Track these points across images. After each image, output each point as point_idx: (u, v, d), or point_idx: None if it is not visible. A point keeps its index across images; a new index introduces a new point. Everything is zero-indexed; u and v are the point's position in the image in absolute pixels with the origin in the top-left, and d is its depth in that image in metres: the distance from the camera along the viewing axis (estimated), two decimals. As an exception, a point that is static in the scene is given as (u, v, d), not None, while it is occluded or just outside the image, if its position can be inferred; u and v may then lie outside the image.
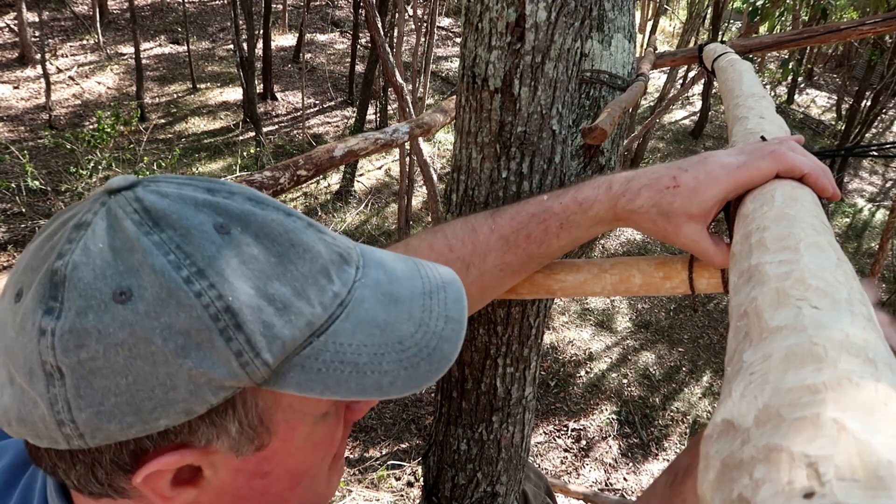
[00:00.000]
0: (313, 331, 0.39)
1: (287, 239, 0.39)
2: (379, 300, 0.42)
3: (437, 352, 0.42)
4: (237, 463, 0.41)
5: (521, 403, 1.02)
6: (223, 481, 0.41)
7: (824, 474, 0.19)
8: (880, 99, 10.77)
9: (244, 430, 0.39)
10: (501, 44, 0.79)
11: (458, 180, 0.89)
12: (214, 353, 0.36)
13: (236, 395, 0.38)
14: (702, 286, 0.65)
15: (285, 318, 0.37)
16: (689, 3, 11.42)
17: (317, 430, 0.44)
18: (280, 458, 0.43)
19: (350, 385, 0.39)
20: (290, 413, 0.41)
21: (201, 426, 0.38)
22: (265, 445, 0.41)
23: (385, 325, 0.41)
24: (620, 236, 9.95)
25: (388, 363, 0.40)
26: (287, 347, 0.38)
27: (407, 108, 3.35)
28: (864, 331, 0.28)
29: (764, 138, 0.64)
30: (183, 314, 0.35)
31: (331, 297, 0.40)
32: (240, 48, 10.58)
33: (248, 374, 0.37)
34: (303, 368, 0.38)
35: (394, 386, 0.40)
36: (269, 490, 0.44)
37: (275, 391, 0.39)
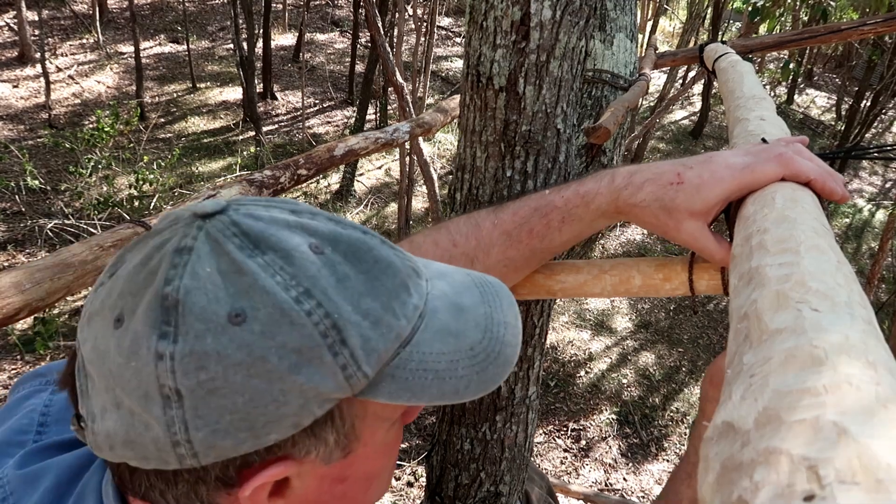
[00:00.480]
0: (401, 342, 0.41)
1: (371, 256, 0.42)
2: (449, 310, 0.45)
3: (502, 356, 0.45)
4: (324, 471, 0.43)
5: (524, 403, 1.03)
6: (307, 489, 0.43)
7: (824, 477, 0.20)
8: (880, 99, 10.76)
9: (339, 439, 0.42)
10: (506, 42, 0.79)
11: (462, 179, 0.89)
12: (323, 368, 0.38)
13: (334, 409, 0.40)
14: (701, 288, 0.65)
15: (379, 332, 0.40)
16: (689, 3, 11.41)
17: (390, 434, 0.47)
18: (360, 464, 0.45)
19: (433, 391, 0.41)
20: (374, 420, 0.44)
21: (304, 438, 0.40)
22: (352, 452, 0.43)
23: (457, 332, 0.44)
24: (620, 237, 9.95)
25: (462, 368, 0.43)
26: (382, 359, 0.40)
27: (407, 108, 3.35)
28: (864, 333, 0.29)
29: (765, 140, 0.64)
30: (296, 333, 0.37)
31: (412, 310, 0.42)
32: (240, 47, 10.57)
33: (351, 386, 0.39)
34: (393, 378, 0.41)
35: (468, 389, 0.43)
36: (347, 494, 0.46)
37: (365, 400, 0.41)
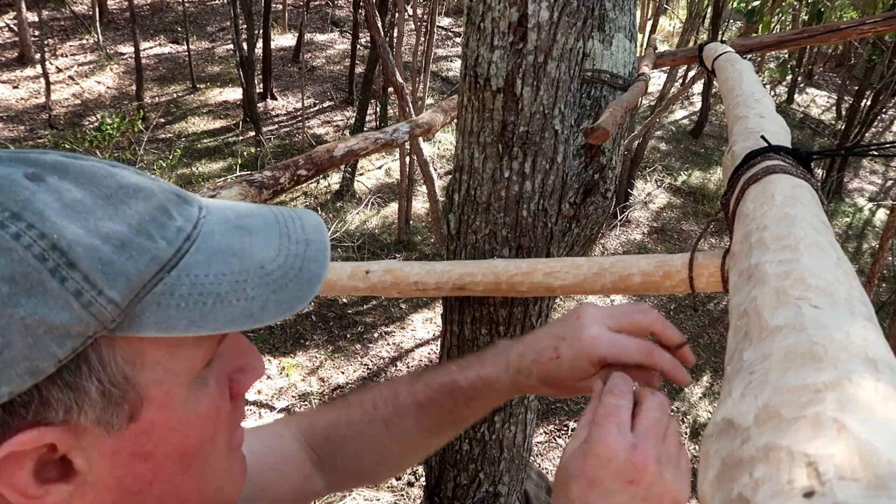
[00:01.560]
0: (161, 265, 0.36)
1: (114, 182, 0.37)
2: (230, 231, 0.41)
3: (305, 272, 0.41)
4: (112, 443, 0.37)
5: (522, 403, 1.02)
6: (100, 472, 0.37)
7: (824, 473, 0.20)
8: (880, 98, 10.77)
9: (106, 389, 0.35)
10: (504, 43, 0.79)
11: (460, 180, 0.89)
12: (49, 296, 0.32)
13: (88, 348, 0.34)
14: (702, 285, 0.65)
15: (126, 255, 0.35)
16: (689, 2, 11.41)
17: (196, 397, 0.40)
18: (161, 433, 0.39)
19: (217, 316, 0.37)
20: (160, 372, 0.38)
21: (53, 391, 0.34)
22: (139, 414, 0.37)
23: (242, 252, 0.40)
24: (620, 236, 9.95)
25: (252, 289, 0.39)
26: (134, 283, 0.35)
27: (407, 108, 3.35)
28: (864, 330, 0.29)
29: (764, 138, 0.64)
30: (2, 259, 0.32)
31: (174, 232, 0.38)
32: (239, 48, 10.57)
33: (95, 315, 0.34)
34: (159, 306, 0.36)
35: (265, 311, 0.39)
36: (158, 476, 0.40)
37: (133, 338, 0.36)
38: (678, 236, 10.27)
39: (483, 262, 0.79)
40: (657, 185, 11.55)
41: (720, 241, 9.02)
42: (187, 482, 0.42)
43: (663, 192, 11.45)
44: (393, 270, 0.82)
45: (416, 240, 9.10)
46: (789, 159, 0.60)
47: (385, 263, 0.83)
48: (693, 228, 10.46)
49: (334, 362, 6.91)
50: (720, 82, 1.19)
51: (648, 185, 11.47)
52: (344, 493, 5.11)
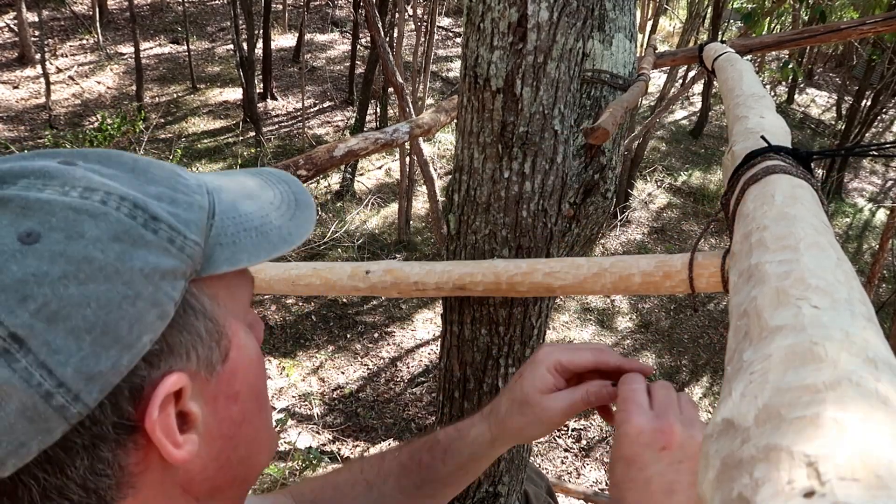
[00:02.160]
0: (207, 213, 0.40)
1: (128, 158, 0.40)
2: (229, 183, 0.45)
3: (301, 201, 0.46)
4: (212, 388, 0.40)
5: (521, 403, 1.03)
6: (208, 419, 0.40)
7: (824, 474, 0.20)
8: (880, 98, 10.77)
9: (210, 328, 0.39)
10: (503, 44, 0.79)
11: (459, 180, 0.89)
12: (151, 246, 0.35)
13: (187, 295, 0.38)
14: (702, 285, 0.65)
15: (181, 207, 0.38)
16: (689, 2, 11.41)
17: (250, 338, 0.44)
18: (242, 372, 0.42)
19: (264, 245, 0.41)
20: (230, 313, 0.42)
21: (175, 336, 0.37)
22: (228, 354, 0.41)
23: (251, 194, 0.44)
24: (621, 236, 9.95)
25: (275, 219, 0.43)
26: (201, 228, 0.39)
27: (407, 108, 3.36)
28: (864, 330, 0.29)
29: (764, 138, 0.64)
30: (102, 223, 0.34)
31: (196, 186, 0.41)
32: (240, 48, 10.58)
33: (189, 256, 0.37)
34: (222, 246, 0.40)
35: (293, 235, 0.43)
36: (245, 417, 0.43)
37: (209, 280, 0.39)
38: (678, 236, 10.28)
39: (483, 263, 0.79)
40: (657, 186, 11.56)
41: (720, 242, 9.02)
42: (262, 424, 0.45)
43: (663, 193, 11.45)
44: (393, 270, 0.82)
45: (417, 240, 9.11)
46: (789, 159, 0.60)
47: (385, 263, 0.83)
48: (693, 228, 10.47)
49: (335, 362, 6.92)
50: (720, 82, 1.19)
51: (648, 186, 11.47)
52: None
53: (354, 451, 5.84)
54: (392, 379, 6.82)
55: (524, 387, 0.65)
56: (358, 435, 6.05)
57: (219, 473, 0.42)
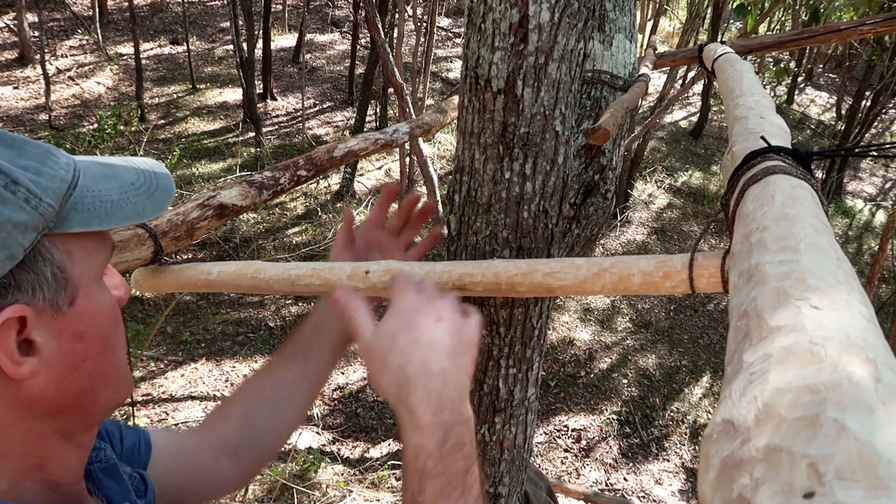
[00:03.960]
0: (68, 184, 0.50)
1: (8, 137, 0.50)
2: (98, 166, 0.55)
3: (161, 186, 0.57)
4: (59, 324, 0.49)
5: (523, 405, 1.02)
6: (52, 350, 0.49)
7: (824, 474, 0.20)
8: (880, 99, 10.77)
9: (56, 273, 0.48)
10: (504, 45, 0.79)
11: (460, 181, 0.89)
12: (8, 203, 0.45)
13: (39, 244, 0.47)
14: (702, 286, 0.65)
15: (44, 177, 0.48)
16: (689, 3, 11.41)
17: (102, 293, 0.54)
18: (89, 318, 0.52)
19: (117, 215, 0.52)
20: (82, 267, 0.51)
21: (22, 274, 0.46)
22: (75, 299, 0.50)
23: (114, 176, 0.55)
24: (621, 237, 9.95)
25: (133, 197, 0.54)
26: (58, 195, 0.48)
27: (407, 109, 3.35)
28: (864, 331, 0.29)
29: (764, 138, 0.64)
30: None
31: (65, 164, 0.51)
32: (239, 48, 10.57)
33: (42, 214, 0.47)
34: (76, 210, 0.49)
35: (146, 210, 0.54)
36: (89, 354, 0.52)
37: (64, 236, 0.49)
38: (678, 237, 10.27)
39: (483, 263, 0.79)
40: (657, 186, 11.55)
41: (720, 242, 9.02)
42: (107, 364, 0.54)
43: (663, 193, 11.45)
44: (392, 270, 0.82)
45: (417, 240, 9.10)
46: (789, 160, 0.60)
47: (385, 264, 0.83)
48: (693, 229, 10.46)
49: (334, 363, 6.90)
50: (720, 83, 1.19)
51: (649, 186, 11.46)
52: (344, 493, 5.11)
53: (354, 452, 5.84)
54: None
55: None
56: (358, 435, 6.05)
57: (58, 397, 0.50)
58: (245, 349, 6.76)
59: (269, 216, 9.12)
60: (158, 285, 0.94)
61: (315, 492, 5.18)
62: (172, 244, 0.94)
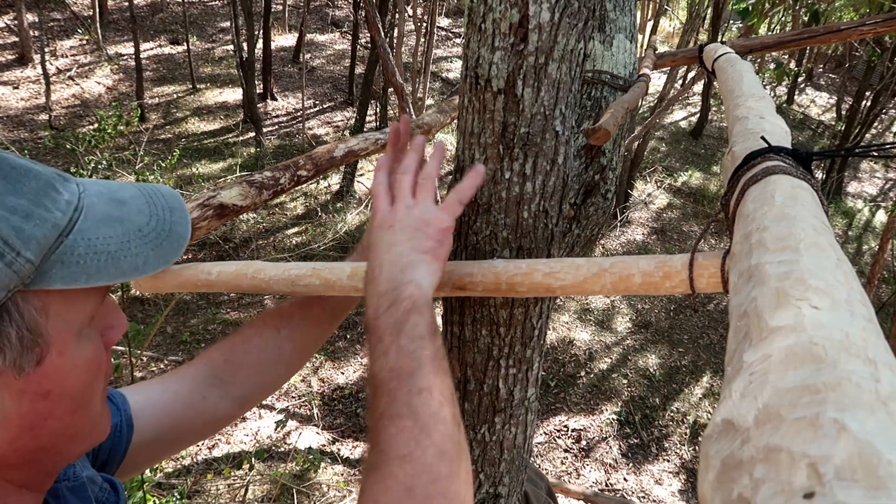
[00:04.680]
0: (60, 231, 0.44)
1: (6, 164, 0.44)
2: (108, 203, 0.49)
3: (174, 233, 0.52)
4: (20, 384, 0.44)
5: (523, 405, 1.02)
6: (8, 409, 0.44)
7: (824, 474, 0.20)
8: (880, 99, 10.77)
9: (23, 335, 0.43)
10: (505, 45, 0.79)
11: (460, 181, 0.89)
12: None
13: (9, 301, 0.42)
14: (702, 286, 0.65)
15: (32, 223, 0.42)
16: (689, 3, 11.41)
17: (83, 346, 0.48)
18: (59, 376, 0.46)
19: (110, 270, 0.46)
20: (61, 322, 0.45)
21: None
22: (44, 359, 0.45)
23: (121, 218, 0.49)
24: (621, 237, 9.95)
25: (135, 247, 0.48)
26: (42, 246, 0.43)
27: (407, 109, 3.35)
28: (863, 331, 0.29)
29: (764, 139, 0.64)
30: None
31: (65, 204, 0.45)
32: (240, 48, 10.58)
33: (16, 272, 0.41)
34: (62, 264, 0.44)
35: (147, 264, 0.49)
36: (53, 413, 0.47)
37: (41, 292, 0.43)
38: (678, 237, 10.28)
39: (483, 263, 0.79)
40: (657, 186, 11.55)
41: (720, 242, 9.02)
42: (74, 421, 0.49)
43: (663, 193, 11.45)
44: (393, 271, 0.82)
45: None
46: (789, 160, 0.60)
47: (385, 264, 0.83)
48: (693, 229, 10.46)
49: (334, 363, 6.91)
50: (720, 83, 1.19)
51: (648, 186, 11.47)
52: (344, 493, 5.11)
53: (354, 452, 5.84)
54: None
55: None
56: (358, 436, 6.05)
57: (9, 456, 0.46)
58: (245, 349, 6.75)
59: (268, 216, 9.12)
60: (158, 285, 0.94)
61: (315, 492, 5.17)
62: (172, 244, 0.94)
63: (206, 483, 5.05)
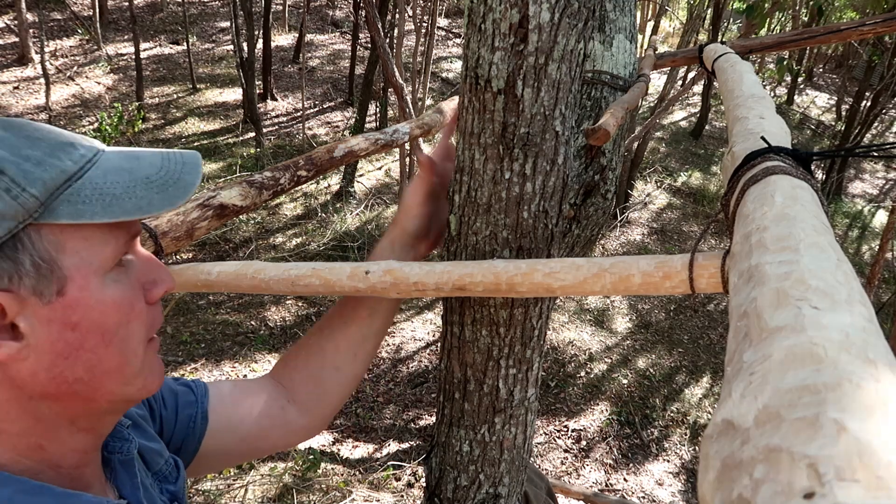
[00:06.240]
0: (69, 176, 0.50)
1: (31, 127, 0.51)
2: (123, 158, 0.55)
3: (181, 181, 0.56)
4: (46, 312, 0.49)
5: (523, 405, 1.02)
6: (39, 336, 0.50)
7: (824, 475, 0.20)
8: (880, 99, 10.77)
9: (37, 263, 0.48)
10: (505, 45, 0.79)
11: (460, 181, 0.89)
12: None
13: (20, 231, 0.47)
14: (702, 286, 0.65)
15: (41, 168, 0.48)
16: (689, 3, 11.41)
17: (111, 288, 0.53)
18: (84, 309, 0.51)
19: (115, 209, 0.51)
20: (78, 259, 0.50)
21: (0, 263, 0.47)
22: (64, 290, 0.50)
23: (131, 169, 0.54)
24: (621, 237, 9.95)
25: (140, 191, 0.53)
26: (48, 186, 0.48)
27: (407, 109, 3.36)
28: (864, 331, 0.29)
29: (764, 139, 0.64)
30: None
31: (79, 157, 0.52)
32: (239, 48, 10.58)
33: (21, 205, 0.47)
34: (69, 202, 0.49)
35: (151, 205, 0.53)
36: (84, 345, 0.52)
37: (54, 227, 0.49)
38: (678, 237, 10.28)
39: (483, 263, 0.79)
40: (657, 186, 11.55)
41: (720, 242, 9.02)
42: (109, 356, 0.54)
43: (663, 193, 11.45)
44: (392, 271, 0.82)
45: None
46: (789, 160, 0.60)
47: (385, 264, 0.83)
48: (693, 229, 10.47)
49: (334, 363, 6.90)
50: (720, 83, 1.19)
51: (648, 186, 11.47)
52: (344, 493, 5.11)
53: (354, 452, 5.84)
54: (392, 380, 6.82)
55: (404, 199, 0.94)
56: (358, 436, 6.05)
57: (50, 383, 0.51)
58: (245, 349, 6.76)
59: (269, 216, 9.12)
60: (158, 285, 0.94)
61: (315, 492, 5.18)
62: (172, 244, 0.94)
63: (206, 483, 5.05)
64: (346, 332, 0.89)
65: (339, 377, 0.88)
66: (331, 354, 0.88)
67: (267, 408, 0.82)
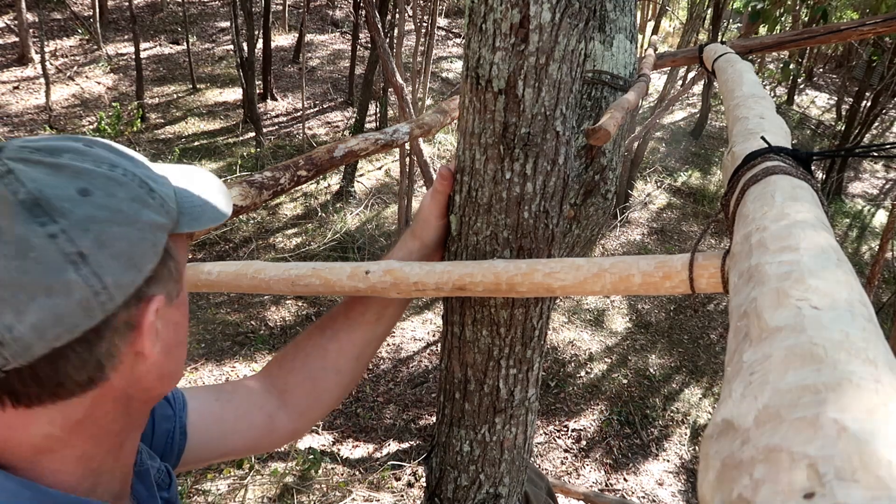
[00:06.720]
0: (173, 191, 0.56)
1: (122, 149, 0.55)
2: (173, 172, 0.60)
3: (226, 191, 0.63)
4: (170, 313, 0.55)
5: (523, 405, 1.03)
6: (164, 336, 0.54)
7: (824, 474, 0.20)
8: (880, 99, 10.77)
9: (174, 269, 0.54)
10: (505, 45, 0.79)
11: (461, 181, 0.89)
12: (152, 207, 0.51)
13: (168, 243, 0.53)
14: (702, 286, 0.65)
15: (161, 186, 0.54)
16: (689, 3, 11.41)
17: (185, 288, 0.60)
18: (184, 308, 0.58)
19: (205, 217, 0.57)
20: (181, 264, 0.56)
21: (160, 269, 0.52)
22: (180, 291, 0.56)
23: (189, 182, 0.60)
24: (620, 237, 9.95)
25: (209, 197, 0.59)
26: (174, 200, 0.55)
27: (407, 109, 3.35)
28: (864, 331, 0.29)
29: (764, 139, 0.64)
30: (125, 190, 0.50)
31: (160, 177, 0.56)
32: (240, 48, 10.58)
33: (171, 218, 0.53)
34: (183, 214, 0.55)
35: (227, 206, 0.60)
36: (179, 341, 0.57)
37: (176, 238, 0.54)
38: (678, 237, 10.27)
39: (483, 263, 0.79)
40: (657, 186, 11.55)
41: (720, 242, 9.02)
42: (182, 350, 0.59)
43: (663, 193, 11.45)
44: (393, 271, 0.82)
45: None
46: (789, 160, 0.60)
47: (385, 264, 0.83)
48: (693, 229, 10.46)
49: (334, 363, 6.89)
50: (720, 83, 1.19)
51: (648, 186, 11.47)
52: (344, 493, 5.11)
53: (354, 452, 5.84)
54: (392, 380, 6.82)
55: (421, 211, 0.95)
56: (358, 436, 6.05)
57: (154, 380, 0.55)
58: (245, 349, 6.76)
59: (269, 216, 9.12)
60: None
61: (315, 492, 5.17)
62: (173, 244, 0.93)
63: (206, 483, 5.05)
64: (352, 334, 0.88)
65: (338, 379, 0.88)
66: (333, 356, 0.87)
67: (252, 420, 0.81)
